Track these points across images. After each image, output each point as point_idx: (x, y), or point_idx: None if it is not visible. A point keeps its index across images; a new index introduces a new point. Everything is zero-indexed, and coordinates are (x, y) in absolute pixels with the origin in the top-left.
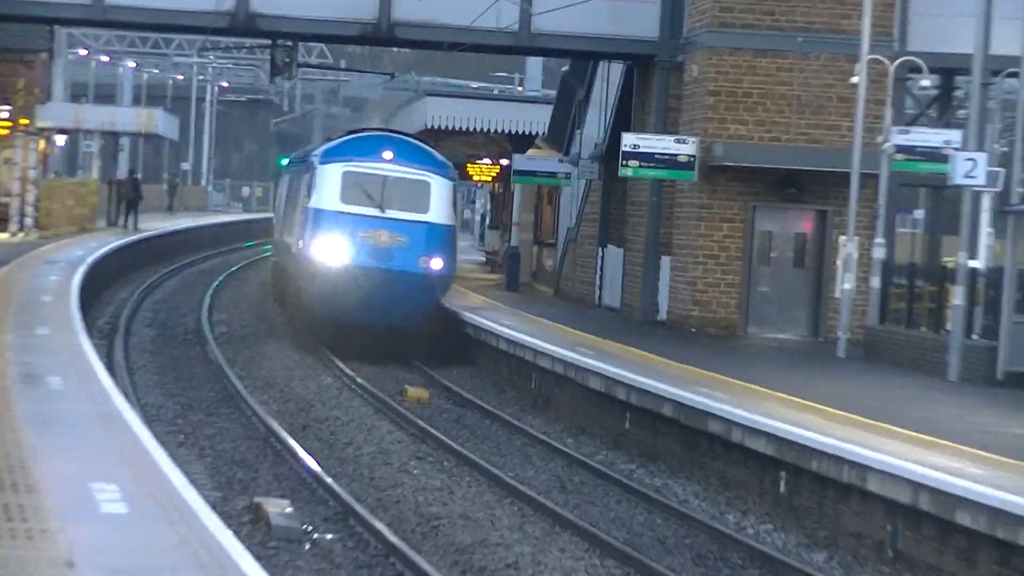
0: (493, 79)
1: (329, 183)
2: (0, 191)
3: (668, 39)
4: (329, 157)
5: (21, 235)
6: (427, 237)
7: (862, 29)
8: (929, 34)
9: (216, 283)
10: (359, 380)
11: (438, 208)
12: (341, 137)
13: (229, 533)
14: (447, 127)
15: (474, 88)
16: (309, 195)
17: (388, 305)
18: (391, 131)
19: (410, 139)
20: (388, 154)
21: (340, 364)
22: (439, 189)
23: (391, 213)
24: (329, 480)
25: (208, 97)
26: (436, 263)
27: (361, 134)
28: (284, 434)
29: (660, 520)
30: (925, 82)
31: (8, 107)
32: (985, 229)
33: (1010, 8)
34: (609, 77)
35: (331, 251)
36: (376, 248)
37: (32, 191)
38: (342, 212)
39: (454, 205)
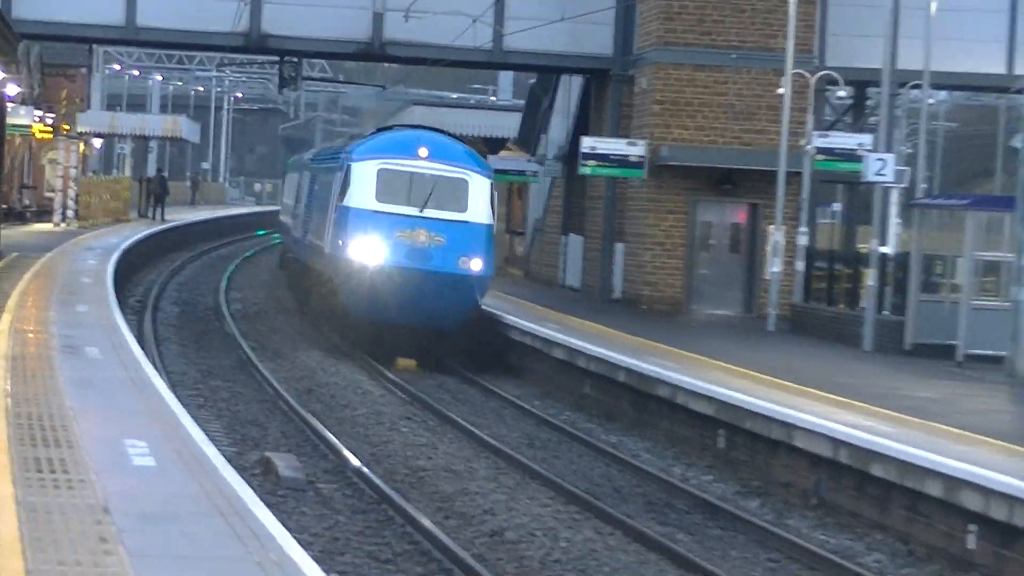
0: (470, 90)
1: (364, 181)
2: (45, 187)
3: (621, 56)
4: (363, 154)
5: (64, 225)
6: (466, 237)
7: (787, 48)
8: (844, 52)
9: (232, 267)
10: (356, 352)
11: (477, 207)
12: (374, 133)
13: (243, 483)
14: None
15: (454, 98)
16: (343, 194)
17: (426, 307)
18: (425, 127)
19: (445, 135)
20: (424, 151)
21: (337, 339)
22: (477, 187)
23: (429, 212)
24: (331, 436)
25: (225, 106)
26: (476, 264)
27: (395, 131)
28: (290, 397)
29: (616, 472)
30: (841, 93)
31: (52, 115)
32: (894, 220)
33: (914, 29)
34: (570, 88)
35: (367, 252)
36: (414, 248)
37: (73, 187)
38: (378, 211)
39: (492, 204)
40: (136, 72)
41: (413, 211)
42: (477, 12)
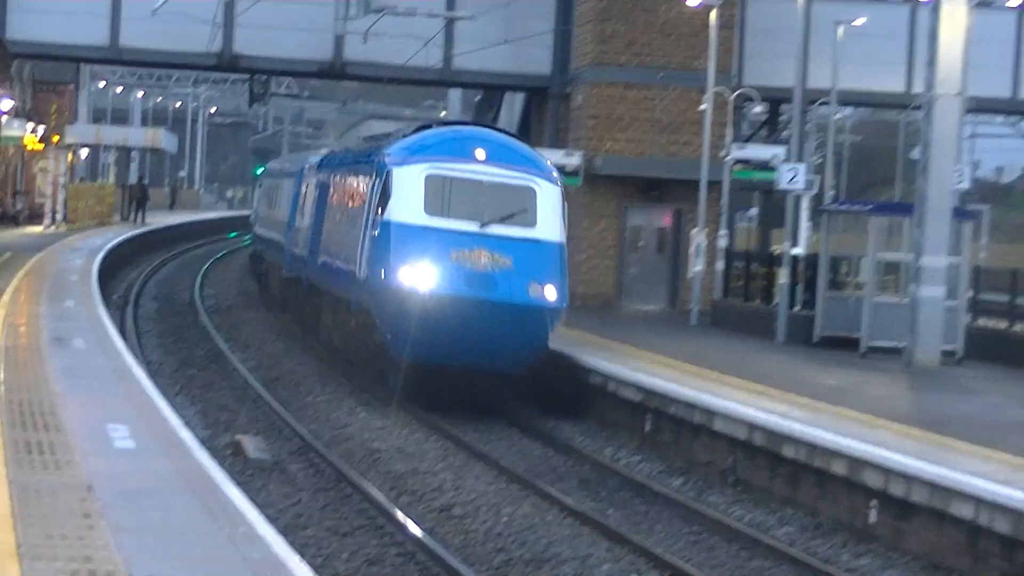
0: (422, 106)
1: (409, 190)
2: (37, 193)
3: (559, 75)
4: (406, 157)
5: (53, 228)
6: (536, 258)
7: (708, 68)
8: (760, 72)
9: (206, 266)
10: (312, 343)
11: (547, 221)
12: (416, 132)
13: (215, 464)
14: None
15: (407, 113)
16: (382, 206)
17: (489, 346)
18: (477, 123)
19: (504, 134)
20: (481, 152)
21: (299, 330)
22: (547, 197)
23: (491, 228)
24: (293, 421)
25: (200, 119)
26: (549, 292)
27: (443, 129)
28: (258, 385)
29: (553, 453)
30: (757, 109)
31: (43, 127)
32: (804, 223)
33: (823, 51)
34: (513, 104)
35: (416, 277)
36: (474, 273)
37: (62, 193)
38: (428, 227)
39: (564, 217)
40: (120, 88)
41: (472, 227)
42: (429, 35)
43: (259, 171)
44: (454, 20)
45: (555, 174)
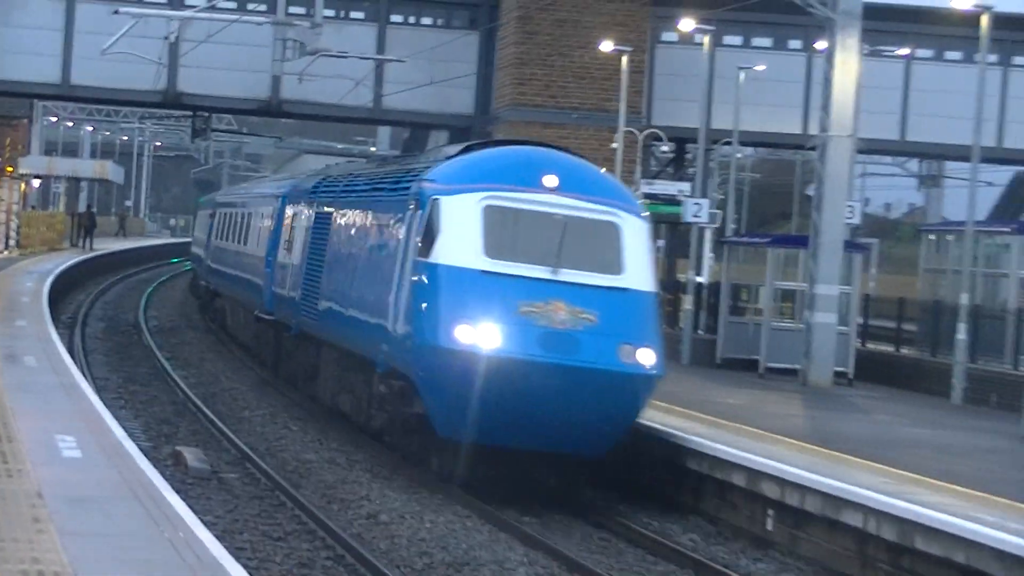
0: (354, 141)
1: (462, 225)
2: None
3: (480, 114)
4: (455, 182)
5: (6, 252)
6: (628, 313)
7: (620, 109)
8: (668, 113)
9: (150, 289)
10: (249, 362)
11: (637, 265)
12: (464, 152)
13: (157, 473)
14: None
15: (339, 148)
16: (426, 244)
17: (565, 423)
18: (540, 143)
19: (573, 155)
20: (551, 179)
21: (235, 351)
22: (635, 235)
23: (568, 274)
24: (230, 433)
25: (145, 152)
26: (645, 356)
27: (500, 149)
28: (198, 400)
29: None
30: (665, 148)
31: None
32: (708, 254)
33: (726, 95)
34: (438, 141)
35: (476, 336)
36: (551, 331)
37: (15, 220)
38: (490, 272)
39: (654, 261)
40: (70, 123)
41: (543, 272)
42: (360, 76)
43: (202, 200)
44: (384, 62)
45: (640, 205)
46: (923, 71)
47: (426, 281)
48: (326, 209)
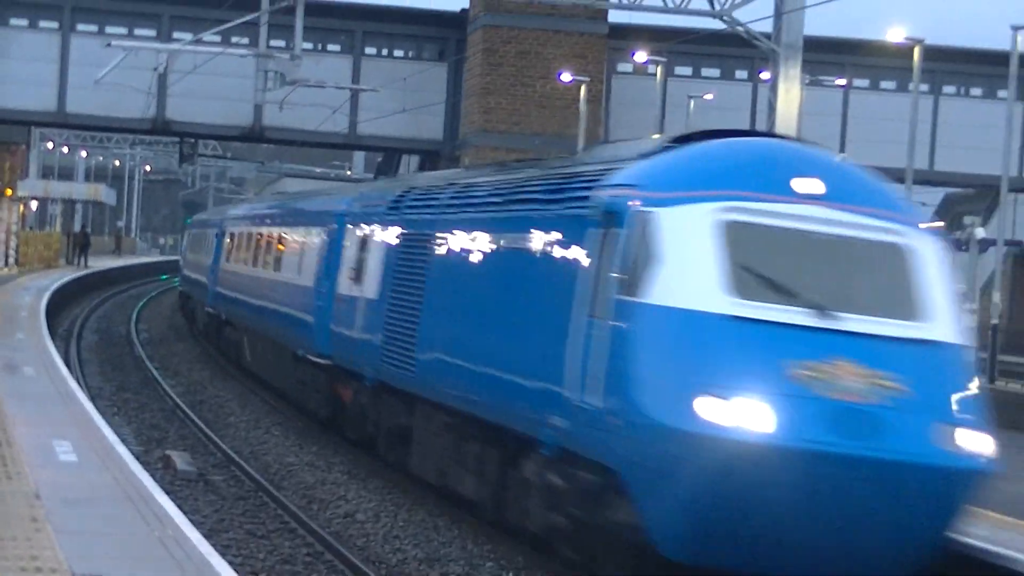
0: (331, 165)
1: (692, 250)
2: None
3: (449, 140)
4: (675, 189)
5: (5, 270)
6: (943, 377)
7: (579, 135)
8: (624, 138)
9: (141, 304)
10: (233, 372)
11: (942, 307)
12: (674, 144)
13: (147, 475)
14: None
15: (317, 171)
16: (635, 279)
17: (856, 541)
18: (778, 135)
19: (831, 153)
20: (811, 184)
21: (219, 360)
22: (932, 263)
23: (852, 322)
24: (216, 438)
25: (136, 176)
26: (975, 442)
27: (731, 141)
28: (186, 407)
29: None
30: None
31: None
32: None
33: (677, 121)
34: (410, 165)
35: (723, 412)
36: (841, 406)
37: (14, 240)
38: (740, 319)
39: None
40: (65, 148)
41: (817, 320)
42: (337, 105)
43: (189, 221)
44: (359, 92)
45: (928, 217)
46: (860, 99)
47: (640, 331)
48: (420, 230)
